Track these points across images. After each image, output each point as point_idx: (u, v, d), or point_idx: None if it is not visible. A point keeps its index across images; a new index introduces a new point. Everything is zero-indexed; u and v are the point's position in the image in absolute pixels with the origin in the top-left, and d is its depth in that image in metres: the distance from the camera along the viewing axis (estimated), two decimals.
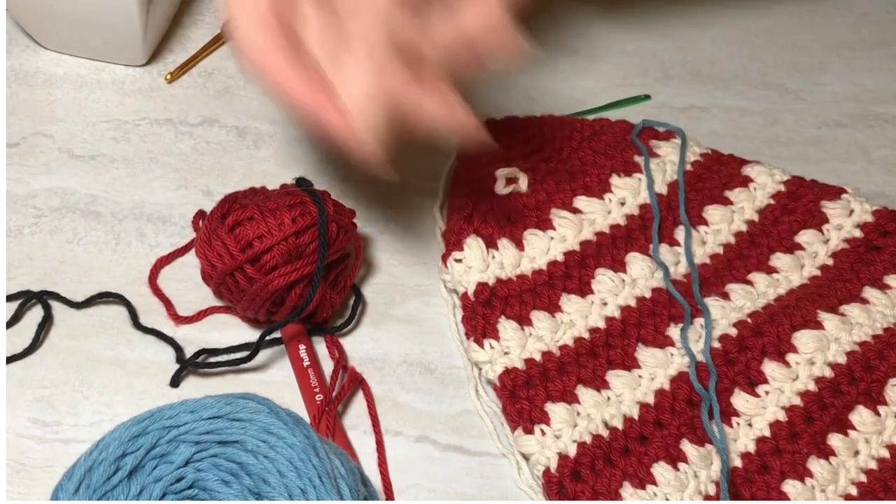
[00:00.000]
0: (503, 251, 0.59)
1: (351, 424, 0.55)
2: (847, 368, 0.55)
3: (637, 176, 0.62)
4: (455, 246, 0.59)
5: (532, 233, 0.60)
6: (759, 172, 0.63)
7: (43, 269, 0.59)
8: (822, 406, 0.54)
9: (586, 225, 0.60)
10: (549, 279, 0.58)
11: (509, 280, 0.58)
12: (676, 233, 0.61)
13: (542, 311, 0.57)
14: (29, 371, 0.56)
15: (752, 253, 0.60)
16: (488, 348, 0.56)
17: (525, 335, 0.56)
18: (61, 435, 0.53)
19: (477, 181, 0.61)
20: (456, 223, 0.60)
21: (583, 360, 0.56)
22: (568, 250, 0.60)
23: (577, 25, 0.76)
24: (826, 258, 0.60)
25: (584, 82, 0.72)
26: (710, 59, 0.74)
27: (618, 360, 0.56)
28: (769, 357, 0.55)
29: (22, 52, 0.70)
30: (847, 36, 0.76)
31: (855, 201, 0.62)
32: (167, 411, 0.44)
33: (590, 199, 0.61)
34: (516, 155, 0.63)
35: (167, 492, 0.43)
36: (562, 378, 0.55)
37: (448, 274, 0.59)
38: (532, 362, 0.55)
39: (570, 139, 0.64)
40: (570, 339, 0.57)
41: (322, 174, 0.65)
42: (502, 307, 0.57)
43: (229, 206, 0.56)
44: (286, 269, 0.54)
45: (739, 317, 0.57)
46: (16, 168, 0.64)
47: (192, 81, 0.70)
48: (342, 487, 0.43)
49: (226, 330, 0.58)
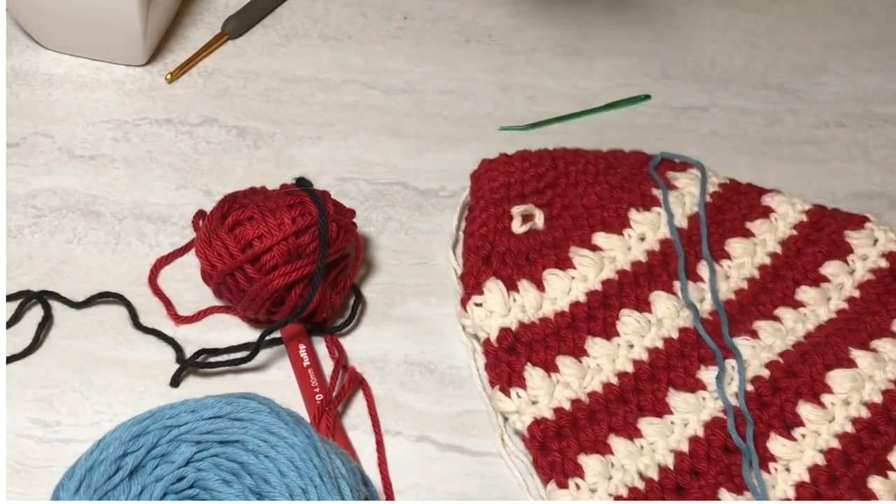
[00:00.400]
0: (524, 293, 0.57)
1: (351, 424, 0.55)
2: (884, 407, 0.54)
3: (656, 210, 0.61)
4: (474, 289, 0.58)
5: (552, 273, 0.58)
6: (780, 202, 0.62)
7: (43, 269, 0.59)
8: (860, 448, 0.53)
9: (607, 263, 0.59)
10: (572, 321, 0.57)
11: (532, 324, 0.57)
12: (699, 268, 0.59)
13: (567, 355, 0.56)
14: (29, 371, 0.55)
15: (777, 287, 0.59)
16: (515, 397, 0.54)
17: (552, 382, 0.55)
18: (61, 435, 0.53)
19: (492, 219, 0.60)
20: (474, 265, 0.58)
21: (612, 406, 0.54)
22: (590, 290, 0.58)
23: (577, 25, 0.76)
24: (853, 290, 0.59)
25: (584, 82, 0.72)
26: (711, 59, 0.74)
27: (648, 406, 0.54)
28: (804, 398, 0.54)
29: (22, 52, 0.70)
30: (847, 36, 0.76)
31: (879, 230, 0.61)
32: (168, 411, 0.44)
33: (609, 235, 0.60)
34: (530, 190, 0.61)
35: (168, 491, 0.43)
36: (593, 427, 0.53)
37: (468, 319, 0.57)
38: (561, 411, 0.54)
39: (586, 173, 0.63)
40: (599, 384, 0.55)
41: (322, 174, 0.65)
42: (527, 353, 0.56)
43: (229, 206, 0.56)
44: (286, 269, 0.54)
45: (770, 357, 0.56)
46: (16, 168, 0.64)
47: (191, 81, 0.70)
48: (343, 487, 0.43)
49: (226, 330, 0.58)
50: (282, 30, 0.74)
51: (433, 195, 0.64)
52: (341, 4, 0.76)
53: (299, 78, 0.71)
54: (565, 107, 0.70)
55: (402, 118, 0.69)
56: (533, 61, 0.73)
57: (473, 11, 0.76)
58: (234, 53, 0.72)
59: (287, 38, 0.73)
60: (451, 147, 0.67)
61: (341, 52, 0.73)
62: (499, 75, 0.72)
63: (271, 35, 0.73)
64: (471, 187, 0.62)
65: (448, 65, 0.72)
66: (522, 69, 0.72)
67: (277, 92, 0.70)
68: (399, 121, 0.68)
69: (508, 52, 0.73)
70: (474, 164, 0.65)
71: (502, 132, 0.68)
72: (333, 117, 0.68)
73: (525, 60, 0.73)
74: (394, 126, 0.68)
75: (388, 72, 0.71)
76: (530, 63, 0.73)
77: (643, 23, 0.76)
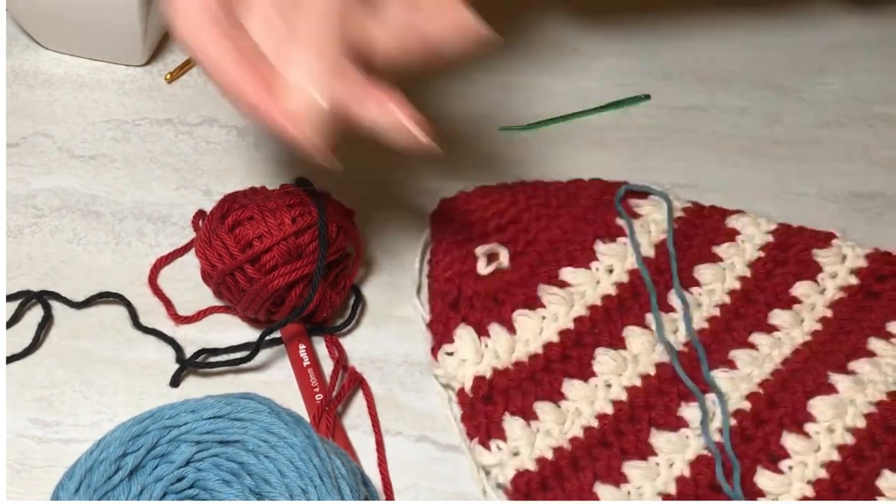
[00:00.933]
0: (496, 338, 0.56)
1: (351, 424, 0.55)
2: (867, 432, 0.53)
3: (621, 240, 0.60)
4: (444, 337, 0.56)
5: (522, 313, 0.57)
6: (745, 224, 0.61)
7: (43, 269, 0.59)
8: (848, 476, 0.52)
9: (577, 299, 0.58)
10: (547, 363, 0.56)
11: (506, 370, 0.55)
12: (670, 298, 0.58)
13: (545, 400, 0.54)
14: (29, 371, 0.55)
15: (749, 311, 0.58)
16: (496, 450, 0.53)
17: (533, 431, 0.53)
18: (61, 435, 0.53)
19: (456, 262, 0.58)
20: (442, 312, 0.57)
21: (595, 451, 0.53)
22: (562, 329, 0.57)
23: (577, 25, 0.76)
24: (825, 310, 0.58)
25: (584, 82, 0.72)
26: (711, 59, 0.74)
27: (632, 449, 0.53)
28: (787, 429, 0.53)
29: (22, 52, 0.70)
30: (847, 36, 0.76)
31: (846, 246, 0.60)
32: (168, 411, 0.44)
33: (576, 269, 0.59)
34: (492, 228, 0.60)
35: (168, 491, 0.43)
36: (577, 475, 0.52)
37: (440, 368, 0.56)
38: (544, 461, 0.52)
39: (547, 206, 0.61)
40: (580, 428, 0.54)
41: (322, 174, 0.65)
42: (504, 402, 0.54)
43: (229, 206, 0.56)
44: (286, 269, 0.54)
45: (750, 388, 0.55)
46: (16, 168, 0.64)
47: (191, 81, 0.70)
48: (343, 487, 0.43)
49: (226, 330, 0.58)
50: None
51: (433, 195, 0.64)
52: None
53: None
54: (565, 107, 0.70)
55: None
56: (533, 61, 0.73)
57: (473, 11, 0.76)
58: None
59: None
60: (451, 147, 0.67)
61: None
62: (499, 75, 0.72)
63: None
64: (431, 229, 0.61)
65: None
66: (522, 69, 0.72)
67: None
68: None
69: (508, 51, 0.73)
70: (474, 164, 0.66)
71: (502, 132, 0.68)
72: None
73: (525, 60, 0.73)
74: None
75: None
76: (530, 63, 0.73)
77: (643, 23, 0.76)
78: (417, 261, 0.61)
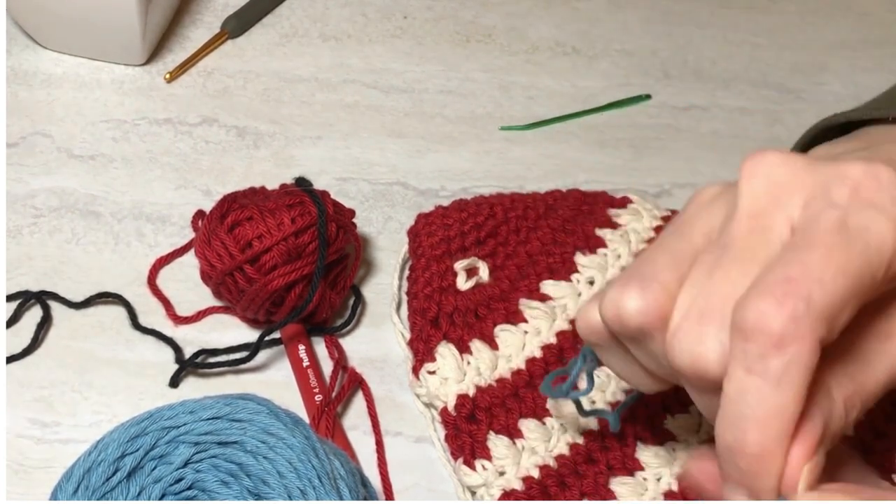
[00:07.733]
0: (478, 354, 0.55)
1: (351, 425, 0.55)
2: None
3: (602, 251, 0.59)
4: (426, 356, 0.55)
5: (503, 328, 0.56)
6: None
7: (42, 270, 0.59)
8: None
9: (559, 312, 0.56)
10: (530, 379, 0.54)
11: (489, 387, 0.54)
12: None
13: (530, 417, 0.53)
14: (28, 371, 0.55)
15: None
16: (481, 469, 0.51)
17: (518, 450, 0.52)
18: (61, 435, 0.53)
19: (436, 278, 0.57)
20: (422, 329, 0.56)
21: (581, 468, 0.52)
22: (545, 344, 0.56)
23: (577, 25, 0.76)
24: None
25: (584, 82, 0.72)
26: (711, 59, 0.74)
27: (618, 465, 0.52)
28: None
29: (22, 52, 0.70)
30: (848, 35, 0.76)
31: None
32: (166, 412, 0.44)
33: (557, 282, 0.57)
34: (471, 242, 0.59)
35: (166, 493, 0.43)
36: (564, 494, 0.51)
37: (422, 387, 0.55)
38: (531, 480, 0.51)
39: (526, 218, 0.60)
40: (565, 445, 0.52)
41: (322, 174, 0.65)
42: (488, 420, 0.53)
43: (228, 206, 0.56)
44: (286, 269, 0.54)
45: None
46: (15, 168, 0.64)
47: (191, 81, 0.70)
48: (342, 488, 0.43)
49: (225, 330, 0.58)
50: (281, 29, 0.74)
51: (433, 195, 0.64)
52: (341, 4, 0.76)
53: (299, 78, 0.71)
54: (565, 107, 0.70)
55: (401, 118, 0.69)
56: (533, 61, 0.73)
57: (473, 11, 0.76)
58: (234, 53, 0.72)
59: (287, 38, 0.73)
60: (451, 147, 0.67)
61: (341, 51, 0.72)
62: (499, 75, 0.72)
63: (271, 35, 0.73)
64: (409, 244, 0.60)
65: (448, 64, 0.72)
66: (522, 69, 0.72)
67: (277, 92, 0.70)
68: (399, 121, 0.68)
69: (508, 51, 0.73)
70: (474, 164, 0.66)
71: (502, 132, 0.68)
72: (333, 117, 0.68)
73: (525, 60, 0.73)
74: (393, 126, 0.68)
75: (387, 71, 0.71)
76: (530, 63, 0.73)
77: (643, 23, 0.76)
78: (396, 278, 0.60)
